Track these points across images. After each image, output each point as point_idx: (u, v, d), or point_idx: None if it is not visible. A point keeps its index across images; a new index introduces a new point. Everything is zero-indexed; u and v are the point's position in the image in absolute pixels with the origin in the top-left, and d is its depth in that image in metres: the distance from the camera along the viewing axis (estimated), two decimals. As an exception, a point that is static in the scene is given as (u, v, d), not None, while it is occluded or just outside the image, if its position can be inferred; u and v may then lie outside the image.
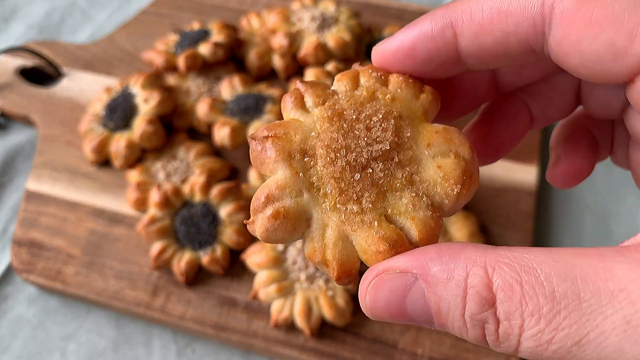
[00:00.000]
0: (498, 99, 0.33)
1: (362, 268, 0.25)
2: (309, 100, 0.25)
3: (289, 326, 0.55)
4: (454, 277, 0.20)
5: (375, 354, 0.54)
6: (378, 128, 0.24)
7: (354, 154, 0.24)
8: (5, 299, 0.61)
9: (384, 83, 0.26)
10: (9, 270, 0.62)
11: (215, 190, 0.61)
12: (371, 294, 0.23)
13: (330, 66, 0.69)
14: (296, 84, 0.26)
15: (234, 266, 0.59)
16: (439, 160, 0.24)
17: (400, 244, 0.23)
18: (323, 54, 0.71)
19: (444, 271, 0.21)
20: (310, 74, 0.67)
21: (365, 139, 0.24)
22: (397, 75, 0.26)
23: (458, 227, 0.59)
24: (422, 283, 0.21)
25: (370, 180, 0.24)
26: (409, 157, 0.24)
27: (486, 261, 0.20)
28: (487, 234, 0.61)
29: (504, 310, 0.19)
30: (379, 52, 0.27)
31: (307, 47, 0.72)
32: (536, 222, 0.64)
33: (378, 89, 0.26)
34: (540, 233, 0.64)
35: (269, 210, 0.24)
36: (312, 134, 0.24)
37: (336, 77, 0.26)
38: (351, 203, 0.23)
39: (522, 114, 0.32)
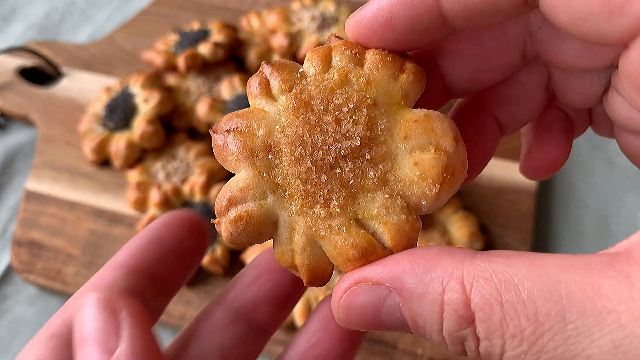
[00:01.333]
0: (458, 116, 0.29)
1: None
2: (274, 86, 0.23)
3: (289, 326, 0.55)
4: (429, 292, 0.19)
5: (375, 354, 0.54)
6: (348, 121, 0.22)
7: (320, 152, 0.21)
8: (5, 299, 0.61)
9: (358, 62, 0.23)
10: (9, 270, 0.62)
11: (215, 191, 0.61)
12: (344, 307, 0.21)
13: (330, 66, 0.69)
14: (262, 66, 0.23)
15: (234, 266, 0.59)
16: (416, 155, 0.22)
17: (372, 252, 0.21)
18: (323, 54, 0.71)
19: (418, 285, 0.19)
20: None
21: (334, 134, 0.21)
22: (375, 52, 0.23)
23: (458, 226, 0.59)
24: (397, 296, 0.20)
25: (339, 182, 0.21)
26: (383, 153, 0.22)
27: (463, 275, 0.18)
28: (487, 234, 0.61)
29: (484, 330, 0.18)
30: (352, 24, 0.24)
31: (307, 47, 0.72)
32: (536, 222, 0.64)
33: (351, 70, 0.23)
34: (540, 233, 0.64)
35: (231, 214, 0.22)
36: (277, 127, 0.22)
37: (306, 55, 0.23)
38: (318, 207, 0.21)
39: (488, 126, 0.28)
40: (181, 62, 0.70)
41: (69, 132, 0.70)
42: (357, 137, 0.21)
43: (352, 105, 0.22)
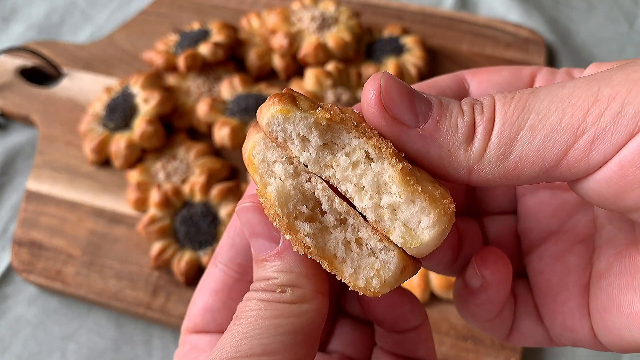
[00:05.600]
0: None
1: None
2: (302, 103, 0.26)
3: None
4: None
5: (375, 354, 0.54)
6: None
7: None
8: (5, 299, 0.61)
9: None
10: (9, 270, 0.62)
11: (215, 190, 0.61)
12: (385, 83, 0.24)
13: (330, 66, 0.69)
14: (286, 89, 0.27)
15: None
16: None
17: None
18: (323, 54, 0.71)
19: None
20: (310, 74, 0.67)
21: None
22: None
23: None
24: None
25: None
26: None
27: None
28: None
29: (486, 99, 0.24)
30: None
31: (307, 47, 0.72)
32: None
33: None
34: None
35: None
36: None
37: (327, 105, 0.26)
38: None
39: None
40: (181, 62, 0.70)
41: (69, 132, 0.70)
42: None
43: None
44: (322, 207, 0.25)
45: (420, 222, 0.23)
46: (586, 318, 0.27)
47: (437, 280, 0.56)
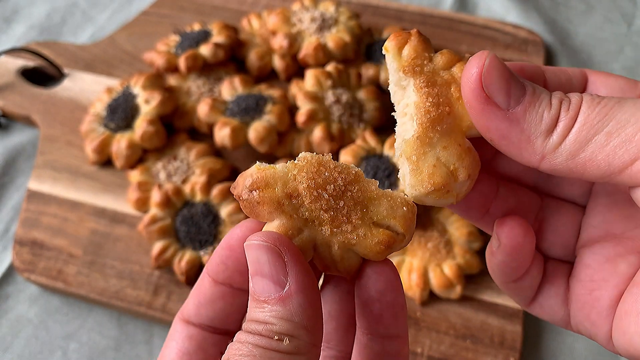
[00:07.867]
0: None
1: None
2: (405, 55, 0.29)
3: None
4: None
5: (375, 352, 0.54)
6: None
7: (331, 185, 0.28)
8: (6, 299, 0.61)
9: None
10: (11, 269, 0.63)
11: (216, 190, 0.62)
12: (489, 63, 0.26)
13: (330, 67, 0.69)
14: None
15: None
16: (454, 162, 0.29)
17: (393, 240, 0.28)
18: (323, 55, 0.72)
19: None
20: (310, 75, 0.68)
21: (335, 170, 0.28)
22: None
23: (457, 226, 0.59)
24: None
25: (352, 201, 0.28)
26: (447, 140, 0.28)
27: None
28: (485, 234, 0.61)
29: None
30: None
31: (307, 48, 0.72)
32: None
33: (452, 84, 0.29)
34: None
35: None
36: (289, 176, 0.28)
37: (442, 51, 0.29)
38: (344, 225, 0.28)
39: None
40: (182, 62, 0.71)
41: (71, 133, 0.71)
42: (353, 171, 0.28)
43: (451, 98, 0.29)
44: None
45: None
46: (610, 318, 0.29)
47: (436, 280, 0.57)
